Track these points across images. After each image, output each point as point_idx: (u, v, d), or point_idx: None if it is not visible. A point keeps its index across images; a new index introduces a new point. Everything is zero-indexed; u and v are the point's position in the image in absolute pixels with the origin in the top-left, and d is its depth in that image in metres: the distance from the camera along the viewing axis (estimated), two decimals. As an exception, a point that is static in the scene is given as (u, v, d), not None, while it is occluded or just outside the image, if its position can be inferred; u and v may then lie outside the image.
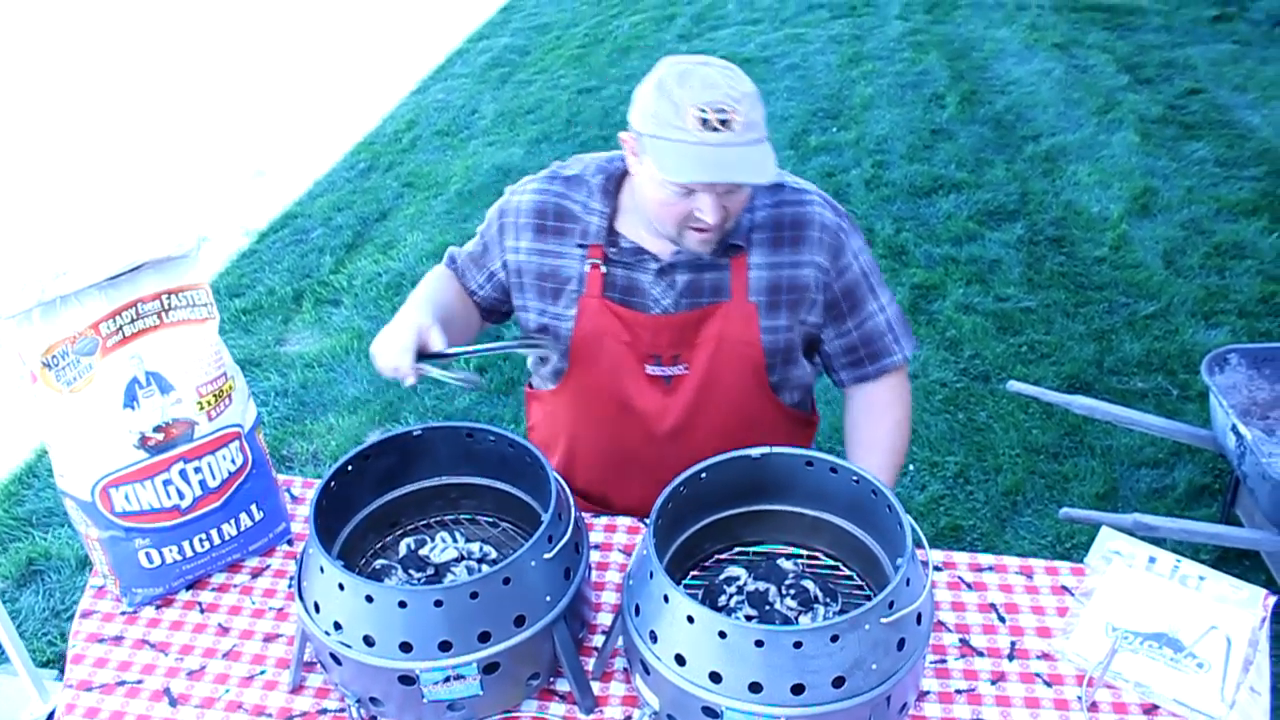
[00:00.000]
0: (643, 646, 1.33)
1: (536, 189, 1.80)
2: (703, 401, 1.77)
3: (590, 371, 1.79)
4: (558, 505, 1.44)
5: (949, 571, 1.70)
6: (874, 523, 1.52)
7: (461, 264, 1.92)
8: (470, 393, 1.47)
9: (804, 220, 1.73)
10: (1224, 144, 5.22)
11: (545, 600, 1.40)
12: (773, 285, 1.72)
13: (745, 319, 1.72)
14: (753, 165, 1.51)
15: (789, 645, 1.24)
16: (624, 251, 1.73)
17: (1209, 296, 4.13)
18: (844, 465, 1.50)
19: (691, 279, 1.72)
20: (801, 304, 1.73)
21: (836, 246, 1.74)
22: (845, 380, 1.87)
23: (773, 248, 1.72)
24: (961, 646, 1.57)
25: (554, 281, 1.78)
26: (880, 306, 1.80)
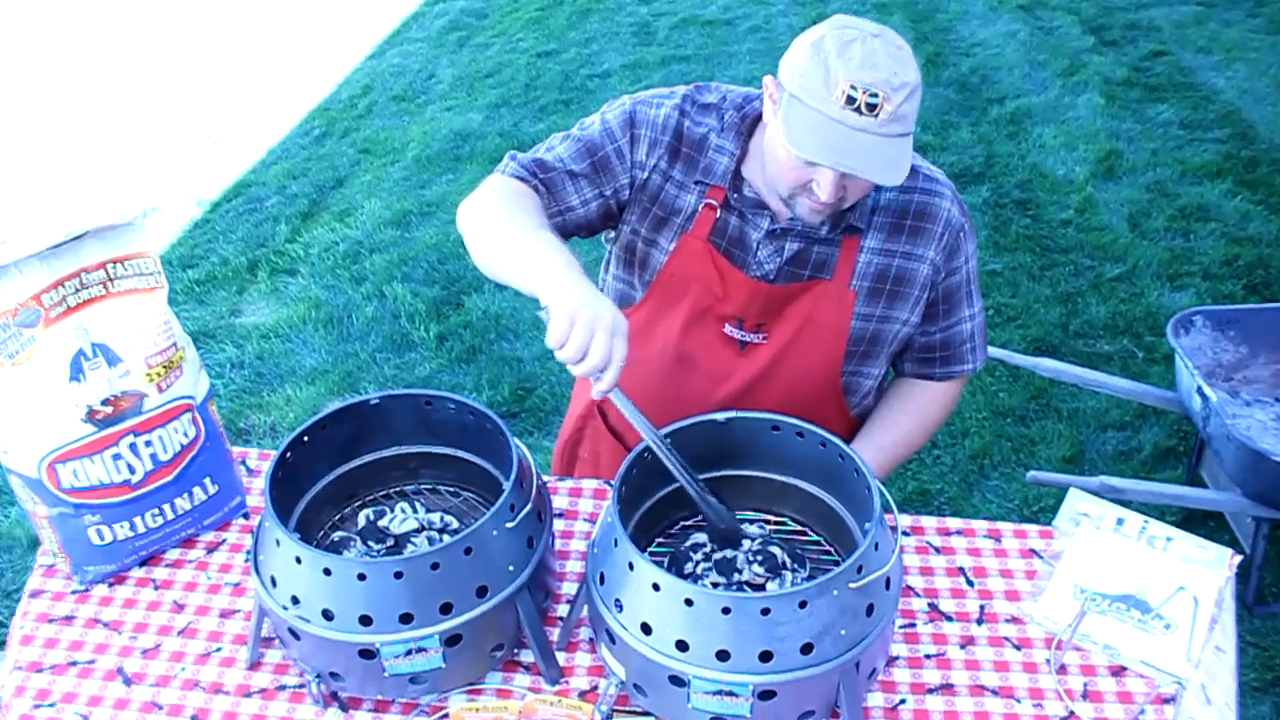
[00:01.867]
0: (608, 615, 1.33)
1: (674, 108, 1.68)
2: (770, 377, 1.73)
3: (667, 312, 1.74)
4: (519, 473, 1.43)
5: (917, 536, 1.71)
6: (842, 488, 1.52)
7: (559, 175, 1.70)
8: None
9: (931, 213, 1.68)
10: (1189, 106, 5.26)
11: (508, 570, 1.39)
12: (881, 273, 1.68)
13: (840, 304, 1.68)
14: (884, 162, 1.43)
15: (756, 612, 1.24)
16: (745, 201, 1.67)
17: (1174, 259, 4.17)
18: (811, 429, 1.50)
19: (800, 249, 1.67)
20: (903, 298, 1.70)
21: (954, 247, 1.70)
22: (906, 370, 1.86)
23: (891, 234, 1.67)
24: (930, 611, 1.57)
25: (663, 209, 1.70)
26: (971, 314, 1.79)
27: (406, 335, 3.91)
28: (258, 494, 1.79)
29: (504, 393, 3.61)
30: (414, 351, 3.84)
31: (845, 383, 1.78)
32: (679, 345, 1.75)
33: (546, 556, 1.47)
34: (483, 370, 3.73)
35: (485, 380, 3.67)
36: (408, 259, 4.32)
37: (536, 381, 3.69)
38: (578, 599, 1.47)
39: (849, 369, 1.76)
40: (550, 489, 1.78)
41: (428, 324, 3.94)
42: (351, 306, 4.07)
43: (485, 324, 3.95)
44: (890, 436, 1.81)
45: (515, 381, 3.66)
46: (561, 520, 1.74)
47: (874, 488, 1.39)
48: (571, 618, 1.50)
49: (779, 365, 1.73)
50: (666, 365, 1.77)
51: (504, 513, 1.39)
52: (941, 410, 1.87)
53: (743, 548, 1.53)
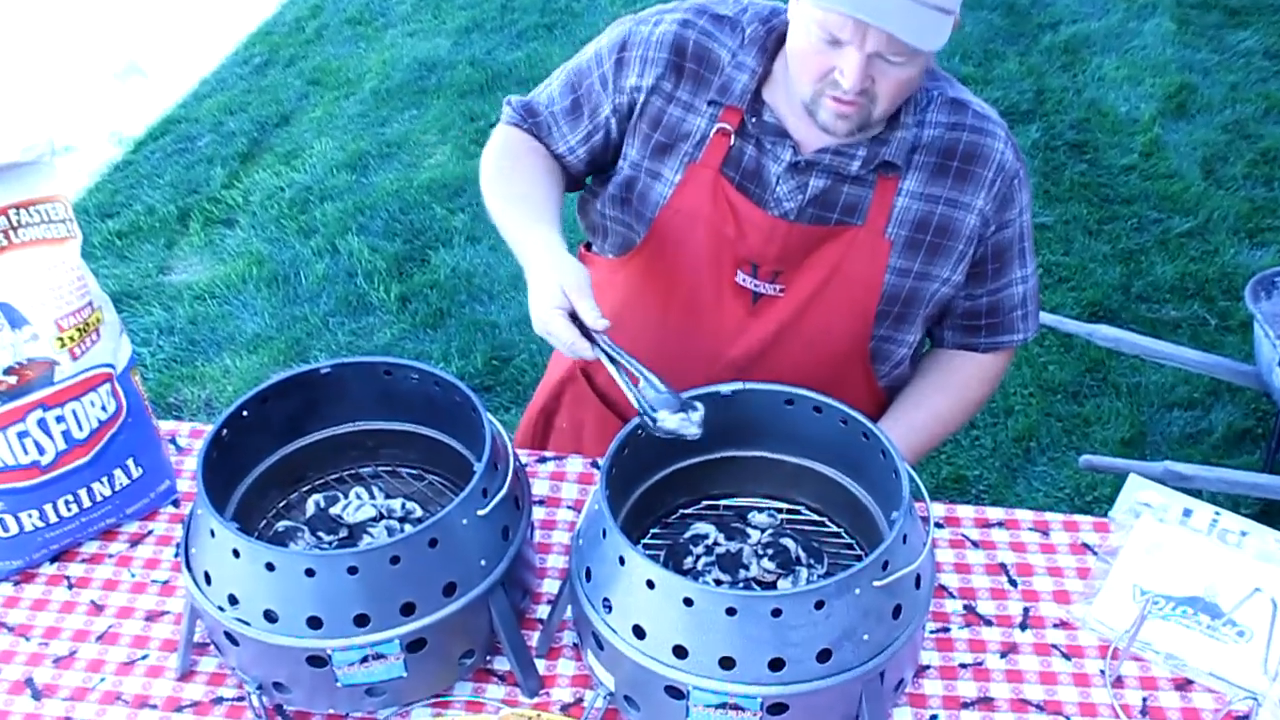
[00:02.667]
0: (595, 617, 1.33)
1: (679, 20, 1.70)
2: (786, 338, 1.73)
3: (668, 256, 1.74)
4: (493, 453, 1.43)
5: (952, 529, 1.70)
6: (865, 472, 1.52)
7: (546, 118, 1.81)
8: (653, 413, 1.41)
9: (981, 153, 1.68)
10: (1275, 33, 5.23)
11: (480, 565, 1.39)
12: (921, 221, 1.68)
13: (873, 254, 1.68)
14: (915, 23, 1.44)
15: (766, 613, 1.23)
16: (764, 127, 1.67)
17: (1254, 211, 4.16)
18: (831, 404, 1.50)
19: (828, 187, 1.67)
20: (945, 253, 1.70)
21: (1007, 196, 1.70)
22: (946, 340, 1.86)
23: (934, 176, 1.67)
24: (967, 614, 1.58)
25: (667, 134, 1.71)
26: (1023, 276, 1.79)
27: (363, 296, 3.91)
28: (189, 477, 1.78)
29: (476, 363, 3.61)
30: (372, 315, 3.84)
31: (874, 349, 1.77)
32: (682, 295, 1.75)
33: (524, 549, 1.47)
34: (452, 337, 3.72)
35: (455, 348, 3.67)
36: (365, 208, 4.32)
37: (514, 349, 3.69)
38: (560, 599, 1.47)
39: (879, 332, 1.75)
40: (529, 472, 1.78)
41: (388, 283, 3.93)
42: (299, 263, 4.06)
43: (454, 283, 3.95)
44: (923, 415, 1.81)
45: (489, 350, 3.66)
46: (542, 508, 1.73)
47: (903, 472, 1.38)
48: (553, 620, 1.50)
49: (797, 324, 1.73)
50: (667, 318, 1.78)
51: (475, 499, 1.39)
52: (984, 387, 1.87)
53: (750, 540, 1.53)
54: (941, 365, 1.86)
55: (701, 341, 1.76)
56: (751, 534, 1.55)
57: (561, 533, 1.70)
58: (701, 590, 1.25)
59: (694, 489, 1.62)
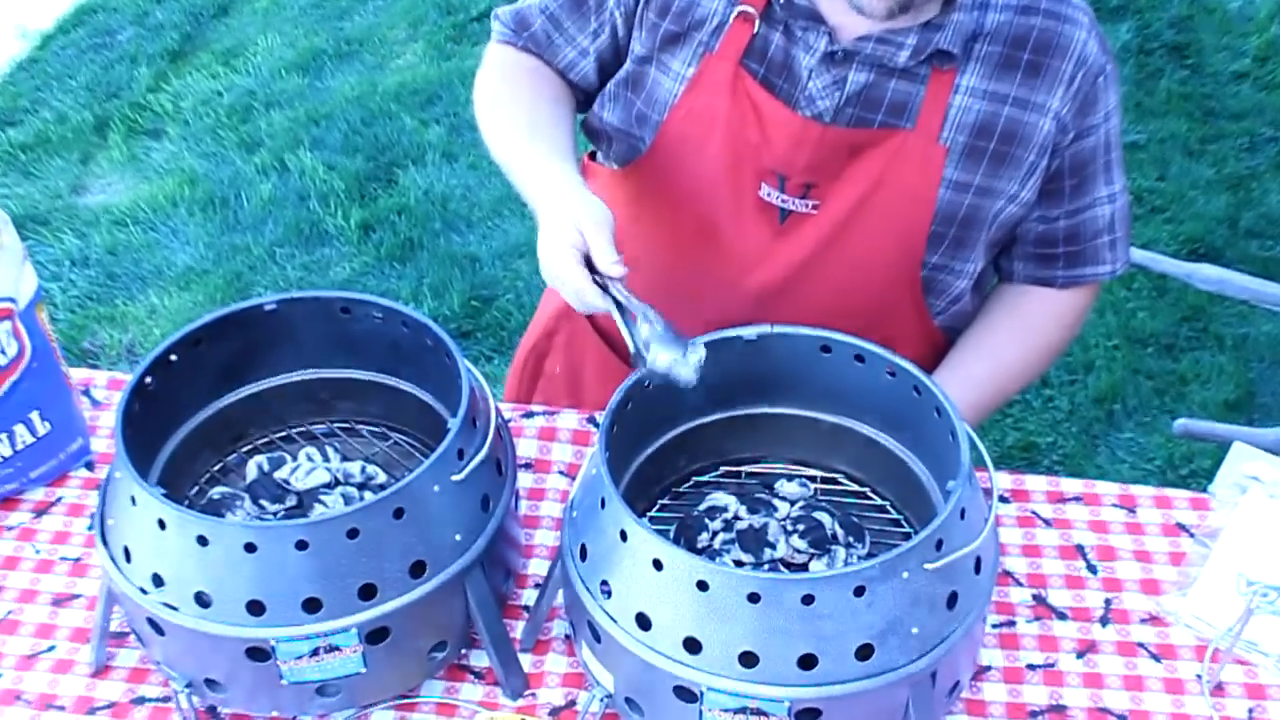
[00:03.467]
0: (591, 604, 1.33)
1: None
2: (820, 266, 1.74)
3: (678, 167, 1.75)
4: (471, 407, 1.42)
5: (1020, 503, 1.70)
6: (917, 433, 1.51)
7: (543, 26, 1.82)
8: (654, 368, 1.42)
9: (1058, 43, 1.66)
10: None
11: (454, 540, 1.39)
12: (984, 125, 1.67)
13: (925, 164, 1.68)
14: None
15: (796, 601, 1.23)
16: (794, 10, 1.66)
17: (1390, 128, 4.14)
18: (876, 352, 1.49)
19: (870, 82, 1.66)
20: (1012, 164, 1.70)
21: (1089, 97, 1.69)
22: (1017, 273, 1.85)
23: (1000, 71, 1.66)
24: (1036, 605, 1.57)
25: (677, 21, 1.71)
26: (1109, 195, 1.78)
27: (318, 224, 3.92)
28: (106, 435, 1.78)
29: (452, 304, 3.62)
30: (329, 246, 3.85)
31: (927, 280, 1.76)
32: (695, 214, 1.75)
33: (507, 522, 1.47)
34: (423, 273, 3.73)
35: (427, 287, 3.68)
36: (319, 117, 4.31)
37: (497, 288, 3.69)
38: (550, 582, 1.48)
39: (933, 260, 1.74)
40: (514, 430, 1.78)
41: (347, 208, 3.94)
42: (240, 183, 4.06)
43: (427, 209, 3.95)
44: (988, 365, 1.81)
45: (468, 289, 3.67)
46: (529, 473, 1.73)
47: (961, 434, 1.37)
48: (541, 607, 1.50)
49: (834, 249, 1.72)
50: (677, 241, 1.78)
51: (449, 461, 1.38)
52: (1061, 331, 1.87)
53: (778, 514, 1.53)
54: (1010, 304, 1.85)
55: (717, 269, 1.76)
56: (779, 506, 1.55)
57: (552, 503, 1.70)
58: (719, 572, 1.25)
59: (711, 452, 1.62)
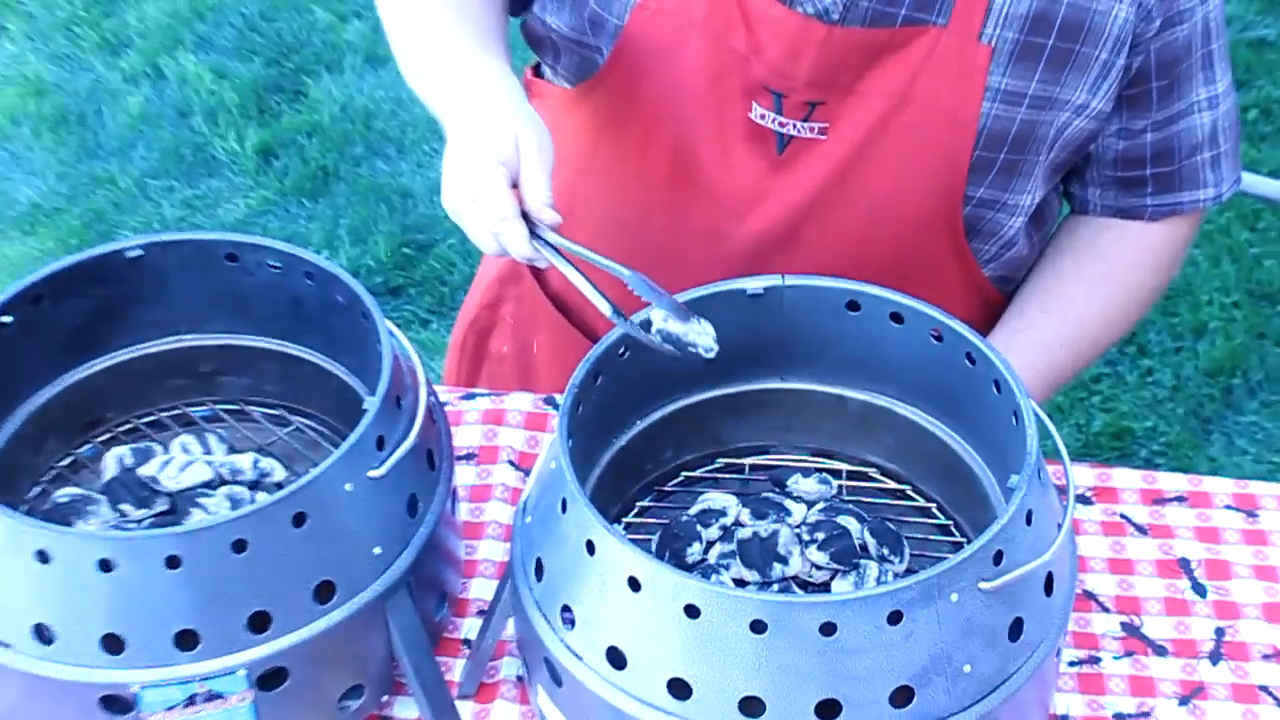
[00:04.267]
0: (550, 637, 1.32)
1: None
2: (831, 204, 1.74)
3: (645, 84, 1.76)
4: (394, 384, 1.42)
5: (1105, 505, 1.71)
6: (971, 414, 1.51)
7: None
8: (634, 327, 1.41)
9: None
10: None
11: (372, 555, 1.38)
12: (1039, 15, 1.65)
13: (964, 70, 1.68)
14: None
15: (813, 630, 1.21)
16: None
17: None
18: (917, 308, 1.48)
19: None
20: (1077, 64, 1.69)
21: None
22: (1091, 203, 1.85)
23: None
24: (1127, 637, 1.57)
25: None
26: (1211, 98, 1.78)
27: (203, 148, 3.94)
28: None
29: (377, 251, 3.66)
30: (217, 177, 3.88)
31: (971, 221, 1.76)
32: (668, 143, 1.76)
33: (442, 531, 1.48)
34: (340, 212, 3.77)
35: (344, 230, 3.71)
36: (205, 9, 4.32)
37: (436, 232, 3.72)
38: (496, 608, 1.47)
39: (978, 194, 1.74)
40: (453, 416, 1.78)
41: (242, 128, 3.97)
42: (102, 94, 4.08)
43: (345, 128, 3.99)
44: (1058, 324, 1.82)
45: (398, 232, 3.71)
46: (471, 467, 1.75)
47: (1027, 415, 1.36)
48: (486, 641, 1.49)
49: (848, 185, 1.73)
50: (646, 179, 1.78)
51: (366, 453, 1.37)
52: (1154, 276, 1.87)
53: (790, 519, 1.52)
54: (1085, 243, 1.85)
55: (699, 214, 1.77)
56: (793, 509, 1.53)
57: (500, 506, 1.71)
58: (714, 593, 1.23)
59: (706, 440, 1.62)
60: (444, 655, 1.52)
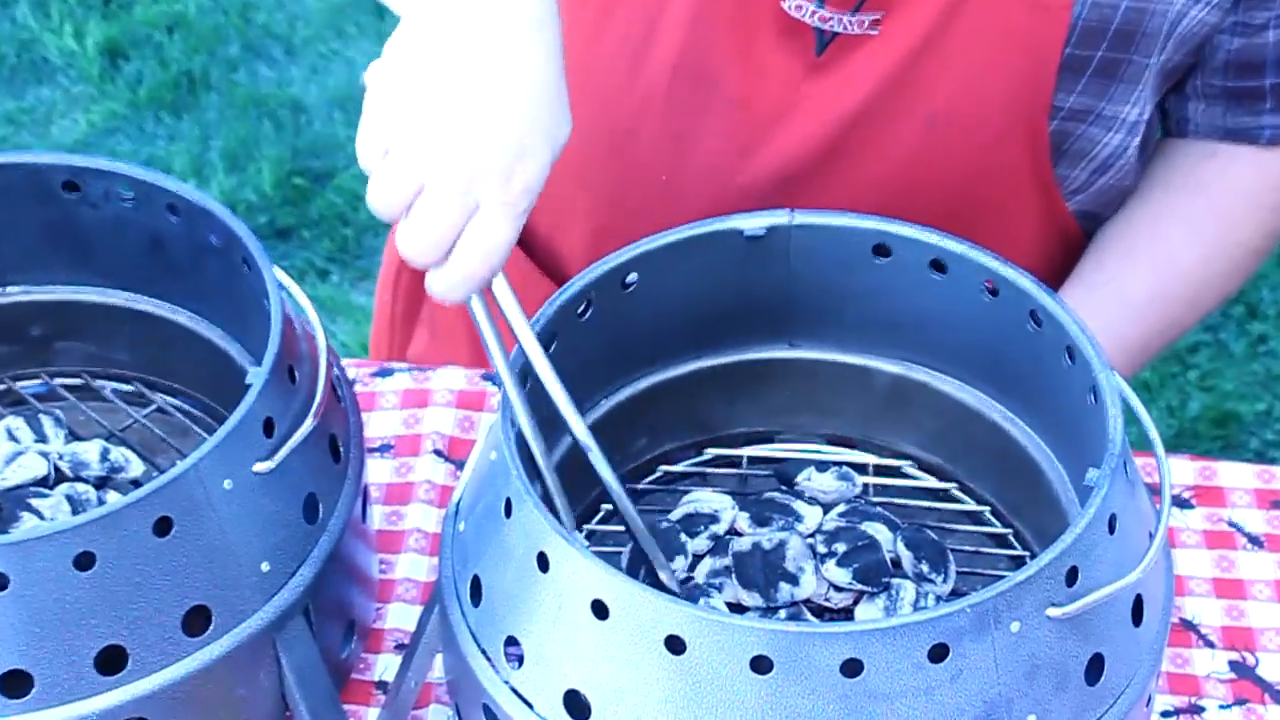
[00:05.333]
0: (490, 678, 1.32)
1: None
2: (882, 120, 1.76)
3: None
4: (286, 350, 1.42)
5: (1211, 510, 1.71)
6: (1035, 392, 1.52)
7: None
8: None
9: None
10: None
11: (258, 573, 1.38)
12: None
13: None
14: None
15: (833, 669, 1.21)
16: None
17: None
18: (965, 255, 1.48)
19: None
20: None
21: None
22: (1194, 121, 1.86)
23: None
24: (1237, 680, 1.57)
25: None
26: None
27: (30, 45, 3.95)
28: None
29: (261, 181, 3.67)
30: (50, 85, 3.90)
31: (1059, 138, 1.77)
32: (679, 37, 1.77)
33: (349, 542, 1.48)
34: (213, 130, 3.78)
35: (217, 152, 3.73)
36: None
37: (337, 157, 3.75)
38: (419, 641, 1.47)
39: (1069, 101, 1.75)
40: (365, 397, 1.80)
41: (81, 21, 3.97)
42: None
43: (217, 23, 3.99)
44: (1150, 277, 1.83)
45: (287, 157, 3.73)
46: (387, 460, 1.77)
47: (1110, 393, 1.36)
48: (406, 684, 1.49)
49: (904, 95, 1.74)
50: (645, 87, 1.80)
51: (250, 440, 1.37)
52: (1274, 220, 1.87)
53: (802, 525, 1.53)
54: (1183, 176, 1.87)
55: (708, 132, 1.78)
56: (805, 514, 1.54)
57: (424, 510, 1.72)
58: (705, 622, 1.23)
59: (691, 425, 1.64)
60: (352, 703, 1.53)
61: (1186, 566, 1.66)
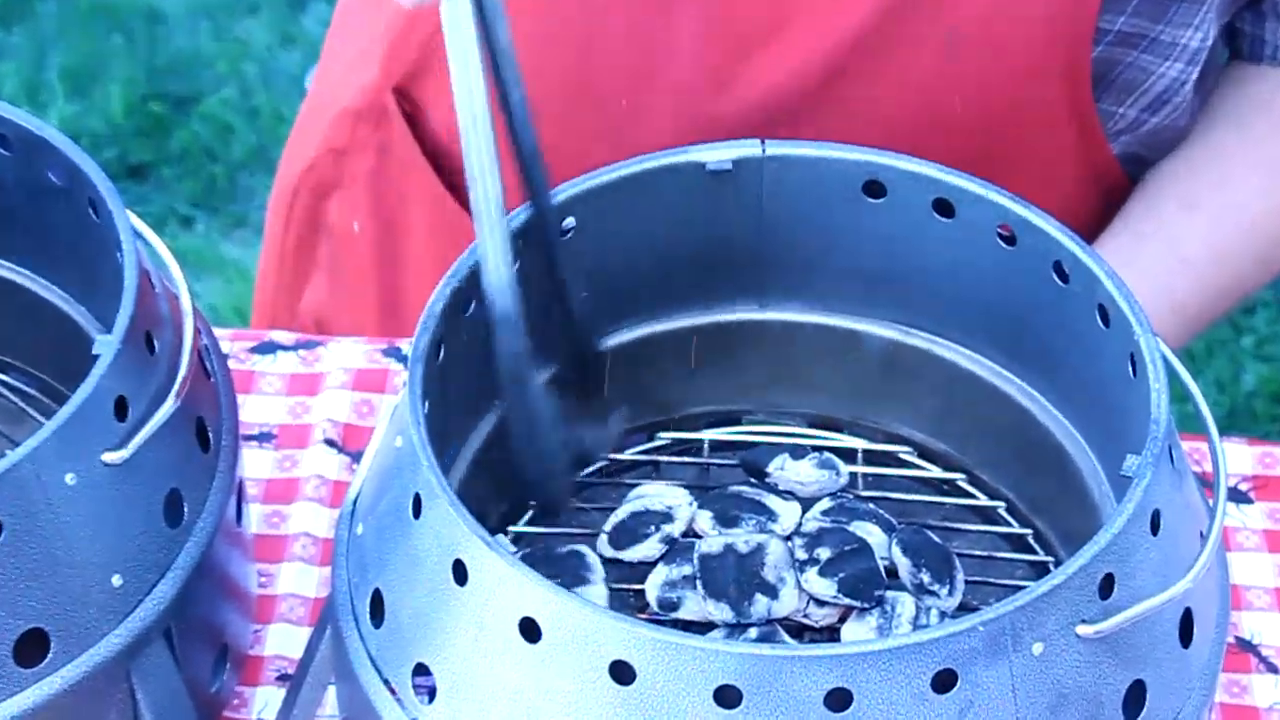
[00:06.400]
0: (394, 712, 1.32)
1: None
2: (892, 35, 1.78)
3: None
4: (143, 314, 1.41)
5: (1271, 506, 1.74)
6: (1062, 364, 1.54)
7: None
8: None
9: None
10: None
11: (108, 588, 1.39)
12: None
13: None
14: None
15: (815, 701, 1.22)
16: None
17: None
18: (975, 193, 1.49)
19: None
20: None
21: None
22: (1270, 43, 1.88)
23: None
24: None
25: None
26: None
27: None
28: None
29: (111, 108, 3.68)
30: None
31: (1102, 64, 1.79)
32: None
33: (221, 549, 1.48)
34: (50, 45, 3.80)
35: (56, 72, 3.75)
36: None
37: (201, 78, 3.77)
38: (308, 668, 1.49)
39: (1117, 23, 1.76)
40: (241, 377, 1.80)
41: None
42: None
43: None
44: (1205, 231, 1.85)
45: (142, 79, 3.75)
46: (268, 450, 1.79)
47: (1152, 363, 1.37)
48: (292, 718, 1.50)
49: (924, 4, 1.76)
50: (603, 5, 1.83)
51: (97, 424, 1.37)
52: None
53: (778, 524, 1.53)
54: (1254, 108, 1.90)
55: (681, 49, 1.80)
56: (780, 511, 1.55)
57: (313, 510, 1.73)
58: (659, 645, 1.23)
59: (640, 403, 1.66)
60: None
61: (1245, 574, 1.67)
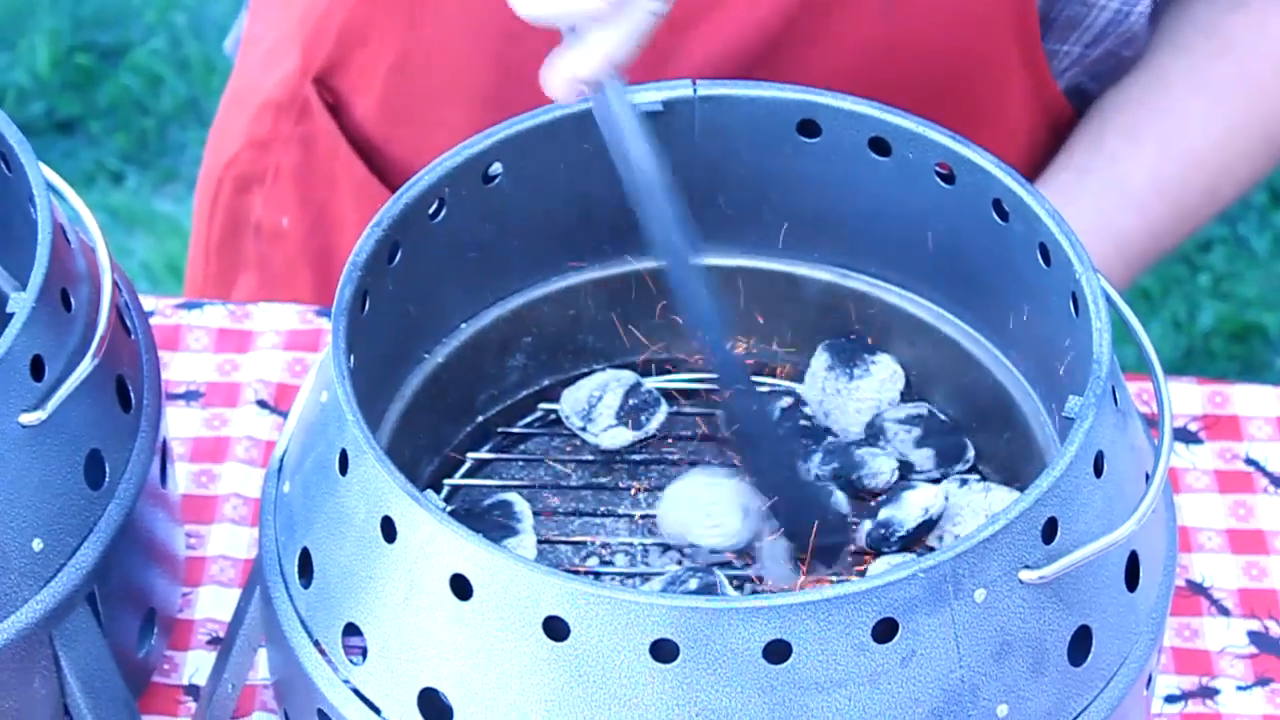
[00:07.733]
0: (324, 674, 1.32)
1: None
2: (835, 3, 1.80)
3: None
4: (59, 271, 1.41)
5: (1221, 445, 1.75)
6: (1002, 305, 1.55)
7: None
8: None
9: None
10: None
11: (28, 553, 1.39)
12: None
13: None
14: None
15: (752, 653, 1.22)
16: None
17: None
18: (913, 131, 1.49)
19: None
20: None
21: None
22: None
23: None
24: (1258, 655, 1.59)
25: None
26: None
27: None
28: None
29: (34, 59, 3.68)
30: None
31: (1045, 3, 1.80)
32: None
33: (145, 511, 1.49)
34: None
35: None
36: None
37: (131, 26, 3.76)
38: (237, 632, 1.47)
39: None
40: (164, 331, 1.80)
41: None
42: None
43: None
44: (1152, 163, 1.85)
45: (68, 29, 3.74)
46: (195, 409, 1.80)
47: (1092, 300, 1.37)
48: (221, 687, 1.49)
49: None
50: None
51: (13, 384, 1.37)
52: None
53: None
54: (1202, 33, 1.89)
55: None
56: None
57: (242, 470, 1.74)
58: (592, 599, 1.23)
59: (577, 352, 1.67)
60: (155, 713, 1.53)
61: (1194, 515, 1.67)
